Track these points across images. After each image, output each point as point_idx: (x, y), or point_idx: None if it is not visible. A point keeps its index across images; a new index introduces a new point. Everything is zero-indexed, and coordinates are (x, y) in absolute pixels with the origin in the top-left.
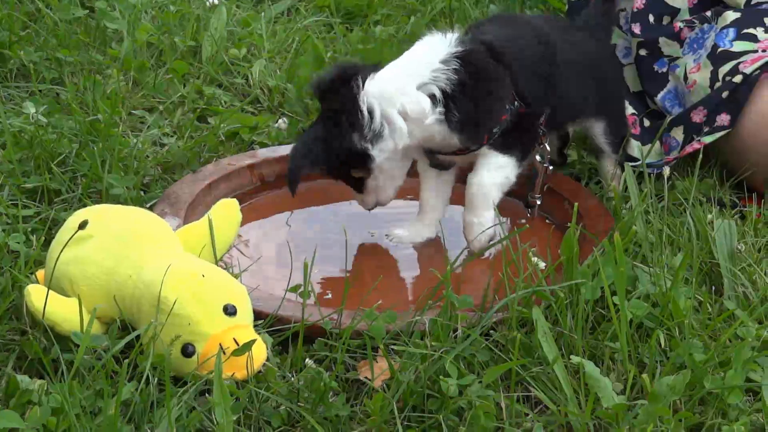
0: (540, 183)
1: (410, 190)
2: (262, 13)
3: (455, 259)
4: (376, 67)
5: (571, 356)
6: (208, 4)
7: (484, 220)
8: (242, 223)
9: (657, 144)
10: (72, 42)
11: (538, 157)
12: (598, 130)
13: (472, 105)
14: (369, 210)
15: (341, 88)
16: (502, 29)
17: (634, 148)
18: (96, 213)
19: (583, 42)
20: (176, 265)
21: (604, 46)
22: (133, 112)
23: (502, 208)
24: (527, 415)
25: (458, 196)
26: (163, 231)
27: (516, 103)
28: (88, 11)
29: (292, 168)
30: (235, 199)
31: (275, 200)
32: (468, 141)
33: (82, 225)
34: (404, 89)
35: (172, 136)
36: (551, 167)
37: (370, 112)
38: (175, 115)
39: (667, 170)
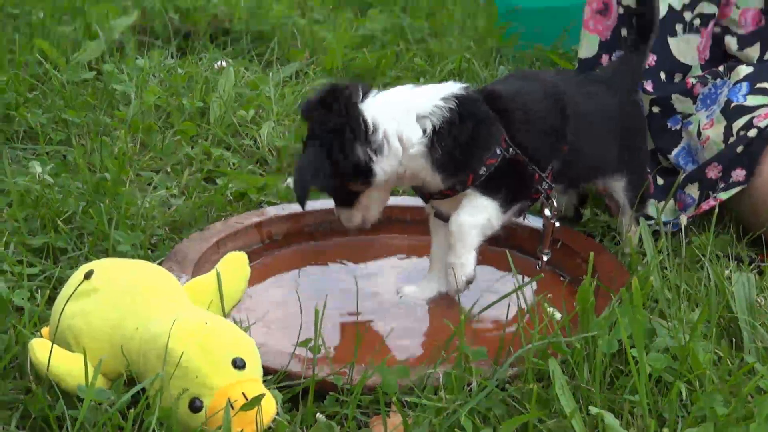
0: (548, 238)
1: (422, 249)
2: (270, 75)
3: (469, 309)
4: (367, 84)
5: (590, 407)
6: (216, 66)
7: (464, 261)
8: (250, 282)
9: (671, 201)
10: (79, 104)
11: (546, 212)
12: (618, 185)
13: (455, 144)
14: (351, 228)
15: (334, 103)
16: (514, 82)
17: (649, 206)
18: (102, 266)
19: (601, 96)
20: (183, 317)
21: (625, 99)
22: (141, 173)
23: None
24: None
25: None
26: (171, 284)
27: (510, 149)
28: (95, 72)
29: (300, 185)
30: (243, 253)
31: (284, 259)
32: (449, 180)
33: (88, 275)
34: (405, 115)
35: (179, 197)
36: (557, 223)
37: (374, 126)
38: (183, 176)
39: (684, 219)
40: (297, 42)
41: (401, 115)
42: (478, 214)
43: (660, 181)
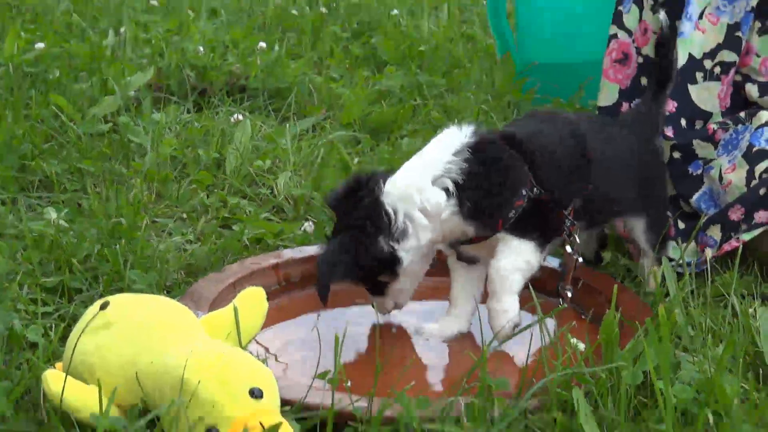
0: (570, 274)
1: (442, 291)
2: (287, 126)
3: (491, 340)
4: (390, 171)
5: None
6: (232, 119)
7: (507, 306)
8: (267, 324)
9: (693, 245)
10: (95, 154)
11: (568, 248)
12: (638, 227)
13: (483, 194)
14: (386, 314)
15: (358, 195)
16: (532, 122)
17: (670, 248)
18: (118, 301)
19: (622, 138)
20: (199, 349)
21: (646, 143)
22: (156, 219)
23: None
24: None
25: None
26: (187, 318)
27: (535, 189)
28: (111, 124)
29: (322, 279)
30: (261, 288)
31: (301, 301)
32: (482, 229)
33: (104, 305)
34: (421, 186)
35: (195, 243)
36: (581, 259)
37: (394, 213)
38: (199, 223)
39: (709, 252)
40: (314, 98)
41: (417, 191)
42: (517, 258)
43: (681, 225)
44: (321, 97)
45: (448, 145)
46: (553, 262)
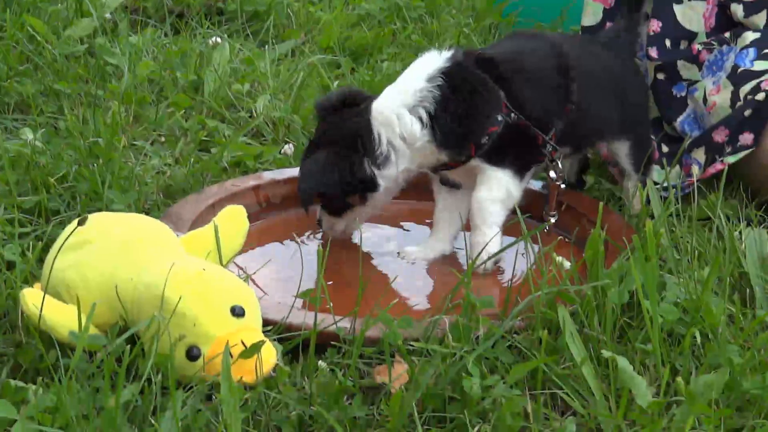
0: (553, 200)
1: (423, 214)
2: (266, 49)
3: (475, 258)
4: (374, 96)
5: (603, 351)
6: (210, 42)
7: (486, 238)
8: (247, 246)
9: (677, 167)
10: (71, 76)
11: (552, 174)
12: (622, 150)
13: (455, 120)
14: (331, 236)
15: (350, 109)
16: (513, 43)
17: (654, 172)
18: (96, 219)
19: (604, 58)
20: (180, 265)
21: (628, 63)
22: (134, 142)
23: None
24: (555, 419)
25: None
26: (166, 235)
27: (512, 115)
28: (87, 46)
29: (306, 190)
30: (242, 207)
31: (281, 222)
32: (455, 155)
33: (82, 221)
34: (400, 114)
35: (174, 166)
36: (564, 185)
37: (378, 138)
38: (177, 146)
39: (696, 171)
40: (292, 22)
41: (396, 116)
42: (495, 189)
43: (665, 148)
44: (299, 22)
45: (423, 71)
46: (537, 185)
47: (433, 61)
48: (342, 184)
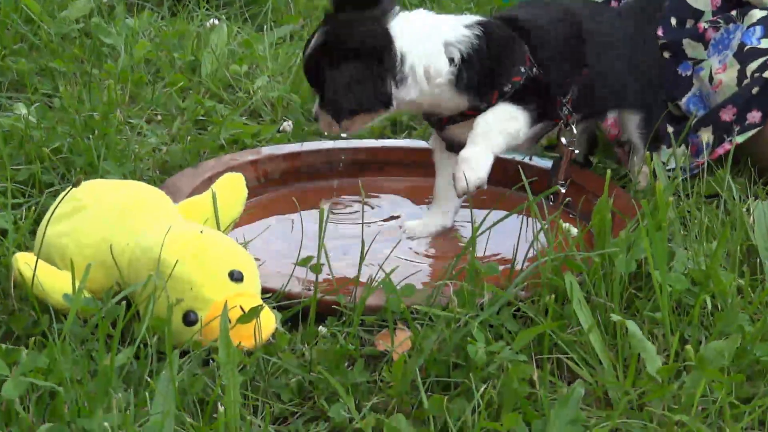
0: (565, 166)
1: (423, 191)
2: (264, 32)
3: (480, 223)
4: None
5: (612, 315)
6: (208, 24)
7: (480, 160)
8: (245, 221)
9: (684, 147)
10: (66, 56)
11: (563, 140)
12: (633, 122)
13: (483, 68)
14: (326, 132)
15: (361, 14)
16: (531, 8)
17: (662, 153)
18: (91, 185)
19: (620, 26)
20: (177, 228)
21: (644, 34)
22: (131, 120)
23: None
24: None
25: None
26: (162, 201)
27: (534, 69)
28: (83, 25)
29: (343, 109)
30: (240, 174)
31: (280, 198)
32: (477, 100)
33: (76, 183)
34: (435, 48)
35: (170, 144)
36: (576, 151)
37: (401, 58)
38: (174, 124)
39: (704, 154)
40: (290, 8)
41: (429, 47)
42: (507, 120)
43: (670, 128)
44: (298, 7)
45: (460, 20)
46: (543, 163)
47: (469, 16)
48: (374, 101)
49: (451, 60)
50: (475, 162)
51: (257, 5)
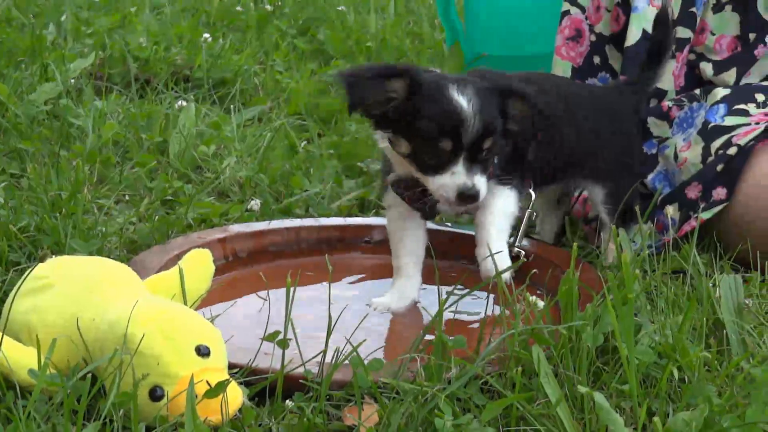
0: (524, 230)
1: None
2: (232, 116)
3: (445, 299)
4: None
5: (579, 387)
6: (177, 106)
7: (503, 247)
8: (212, 298)
9: (651, 224)
10: (35, 137)
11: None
12: (598, 196)
13: None
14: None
15: None
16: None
17: (632, 231)
18: (58, 262)
19: (599, 102)
20: (143, 302)
21: (627, 114)
22: (99, 200)
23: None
24: None
25: None
26: (129, 276)
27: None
28: (51, 106)
29: None
30: (207, 250)
31: (248, 275)
32: None
33: (43, 258)
34: None
35: (138, 223)
36: (536, 215)
37: None
38: (142, 205)
39: (671, 232)
40: (259, 90)
41: None
42: (506, 204)
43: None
44: (266, 90)
45: None
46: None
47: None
48: None
49: None
50: (503, 253)
51: (226, 88)
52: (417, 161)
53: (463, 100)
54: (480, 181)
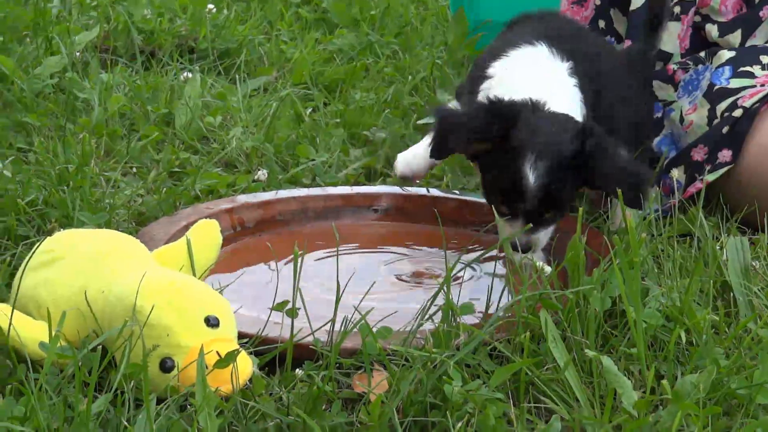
0: None
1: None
2: (238, 86)
3: (454, 263)
4: None
5: (586, 351)
6: (182, 77)
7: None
8: (221, 268)
9: (656, 188)
10: (40, 111)
11: None
12: None
13: None
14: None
15: None
16: None
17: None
18: (65, 235)
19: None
20: (151, 274)
21: (639, 82)
22: (106, 173)
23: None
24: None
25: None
26: (137, 248)
27: None
28: (57, 80)
29: None
30: (215, 220)
31: (256, 245)
32: None
33: (51, 231)
34: None
35: (146, 195)
36: None
37: None
38: (149, 177)
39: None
40: (264, 60)
41: None
42: None
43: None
44: (271, 60)
45: None
46: None
47: None
48: None
49: None
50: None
51: (231, 58)
52: (486, 197)
53: (530, 175)
54: (535, 237)
